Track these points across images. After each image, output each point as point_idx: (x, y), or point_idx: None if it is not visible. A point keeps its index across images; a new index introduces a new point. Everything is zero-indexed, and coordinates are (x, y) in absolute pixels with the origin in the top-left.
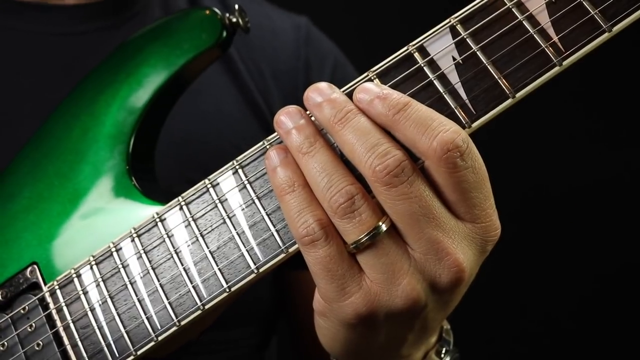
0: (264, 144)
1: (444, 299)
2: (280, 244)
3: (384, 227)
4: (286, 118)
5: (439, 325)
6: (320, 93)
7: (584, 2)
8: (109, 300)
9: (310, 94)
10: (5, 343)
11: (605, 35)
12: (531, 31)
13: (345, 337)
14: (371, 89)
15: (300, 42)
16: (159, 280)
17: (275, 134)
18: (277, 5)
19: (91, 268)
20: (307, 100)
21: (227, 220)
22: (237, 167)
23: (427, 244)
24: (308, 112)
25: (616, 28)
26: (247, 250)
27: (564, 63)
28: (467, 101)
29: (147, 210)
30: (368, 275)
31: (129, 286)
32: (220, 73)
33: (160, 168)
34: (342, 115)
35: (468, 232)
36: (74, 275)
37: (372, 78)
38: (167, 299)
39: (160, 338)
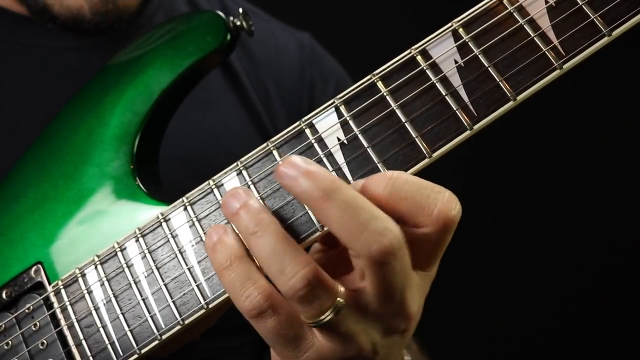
0: (267, 145)
1: (398, 342)
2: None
3: (342, 302)
4: (231, 199)
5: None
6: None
7: (584, 7)
8: (113, 299)
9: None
10: (10, 342)
11: (605, 39)
12: (532, 35)
13: None
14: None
15: (304, 61)
16: (163, 280)
17: (279, 135)
18: (278, 10)
19: (96, 268)
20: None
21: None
22: (242, 168)
23: (394, 304)
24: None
25: (616, 32)
26: None
27: (565, 66)
28: (468, 103)
29: (151, 211)
30: (324, 339)
31: (133, 285)
32: (227, 90)
33: (165, 182)
34: (326, 187)
35: (422, 284)
36: (79, 275)
37: (376, 81)
38: (171, 298)
39: (164, 337)
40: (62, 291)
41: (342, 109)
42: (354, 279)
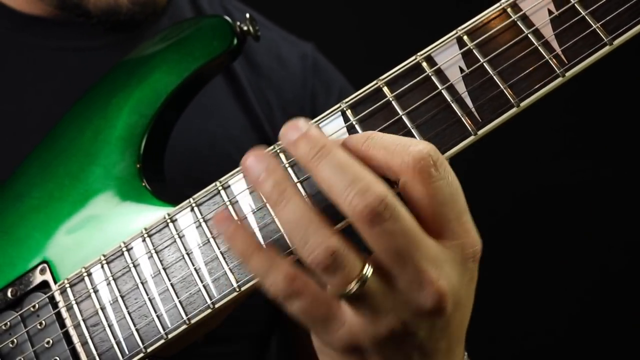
0: (274, 147)
1: (437, 325)
2: (290, 244)
3: (369, 273)
4: (255, 163)
5: (448, 354)
6: (296, 130)
7: (586, 17)
8: (119, 298)
9: (285, 132)
10: (15, 340)
11: (607, 48)
12: (536, 43)
13: None
14: (329, 142)
15: (307, 72)
16: (169, 280)
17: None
18: (282, 18)
19: (102, 267)
20: (283, 137)
21: (239, 222)
22: None
23: (411, 276)
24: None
25: (617, 41)
26: None
27: (567, 74)
28: (473, 110)
29: (157, 212)
30: (353, 313)
31: (140, 285)
32: (230, 97)
33: (173, 190)
34: (318, 149)
35: (447, 254)
36: (85, 274)
37: (381, 86)
38: (178, 297)
39: (170, 336)
40: (68, 290)
41: (349, 113)
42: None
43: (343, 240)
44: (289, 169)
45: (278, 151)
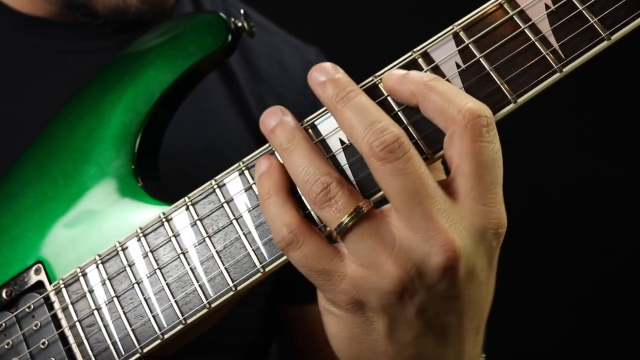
0: (270, 145)
1: (442, 288)
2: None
3: (364, 209)
4: (269, 117)
5: (460, 337)
6: (325, 72)
7: (583, 11)
8: (115, 299)
9: (314, 73)
10: (11, 341)
11: (605, 43)
12: (532, 38)
13: (350, 332)
14: (396, 72)
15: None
16: (165, 279)
17: None
18: (282, 12)
19: (97, 267)
20: (311, 79)
21: (234, 221)
22: (244, 168)
23: (418, 221)
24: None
25: (615, 36)
26: (253, 249)
27: (564, 69)
28: None
29: (152, 211)
30: (353, 259)
31: (135, 285)
32: (229, 103)
33: (163, 194)
34: (344, 94)
35: (465, 215)
36: (80, 274)
37: (377, 83)
38: (174, 297)
39: (166, 336)
40: (63, 290)
41: None
42: None
43: (339, 180)
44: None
45: (274, 149)
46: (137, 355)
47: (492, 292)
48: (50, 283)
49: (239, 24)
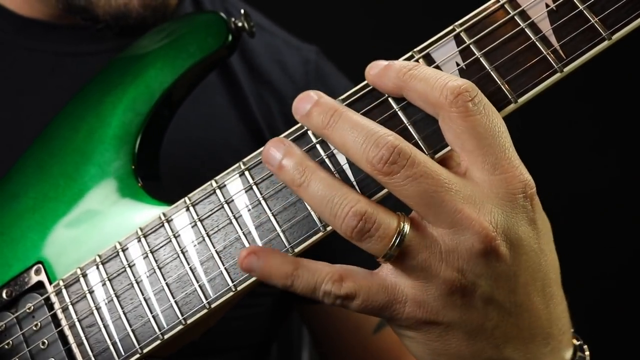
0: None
1: (496, 271)
2: (286, 243)
3: (406, 228)
4: (273, 151)
5: (536, 313)
6: (307, 100)
7: (584, 11)
8: (115, 299)
9: (298, 104)
10: (11, 342)
11: (605, 43)
12: (533, 38)
13: (430, 347)
14: (378, 63)
15: (309, 79)
16: (165, 280)
17: (282, 135)
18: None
19: (97, 267)
20: (296, 112)
21: (234, 221)
22: (244, 169)
23: (448, 217)
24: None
25: (616, 36)
26: None
27: (565, 69)
28: None
29: (153, 211)
30: (406, 280)
31: (135, 285)
32: (230, 106)
33: (164, 198)
34: (330, 116)
35: (488, 191)
36: (80, 275)
37: None
38: (173, 297)
39: (166, 336)
40: (63, 291)
41: None
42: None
43: (371, 203)
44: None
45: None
46: (137, 356)
47: (551, 254)
48: (50, 283)
49: (239, 24)
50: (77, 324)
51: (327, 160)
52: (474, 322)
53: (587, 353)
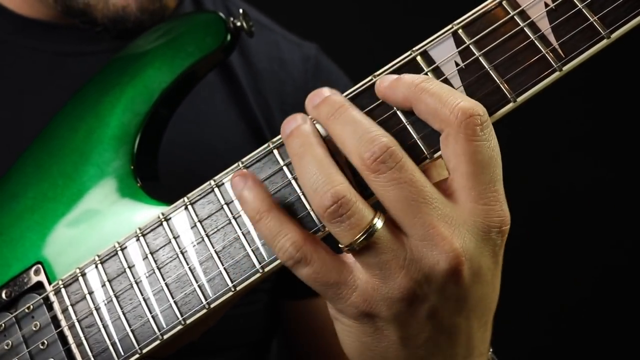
0: (269, 145)
1: (450, 292)
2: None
3: (379, 225)
4: (288, 122)
5: (476, 342)
6: (319, 95)
7: (583, 10)
8: (114, 299)
9: (311, 97)
10: (10, 342)
11: (604, 42)
12: (532, 37)
13: (361, 340)
14: (388, 77)
15: (308, 75)
16: (164, 280)
17: (280, 136)
18: (282, 12)
19: (96, 267)
20: (308, 104)
21: (233, 221)
22: (243, 167)
23: (421, 229)
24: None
25: (615, 35)
26: (252, 250)
27: (564, 68)
28: None
29: (152, 211)
30: (364, 272)
31: (135, 285)
32: (229, 103)
33: (164, 196)
34: (334, 110)
35: (467, 216)
36: (79, 275)
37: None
38: (173, 298)
39: (165, 337)
40: (63, 291)
41: None
42: None
43: (352, 191)
44: (285, 169)
45: (272, 148)
46: (137, 356)
47: (498, 287)
48: (49, 284)
49: (238, 24)
50: (77, 324)
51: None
52: (411, 331)
53: None
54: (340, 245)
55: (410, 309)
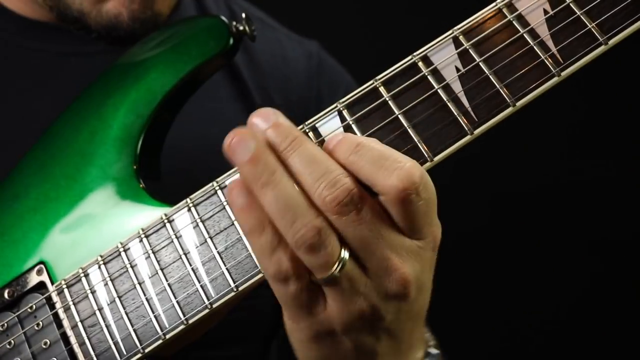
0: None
1: (402, 309)
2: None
3: (347, 255)
4: (240, 142)
5: (416, 337)
6: (266, 118)
7: (581, 16)
8: (117, 299)
9: (253, 120)
10: (12, 341)
11: (602, 48)
12: (531, 43)
13: (316, 353)
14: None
15: (312, 72)
16: (167, 280)
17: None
18: (285, 15)
19: (99, 267)
20: (252, 126)
21: (235, 222)
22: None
23: (378, 262)
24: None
25: (612, 41)
26: None
27: (563, 73)
28: (469, 109)
29: (154, 212)
30: (331, 298)
31: (137, 285)
32: (234, 99)
33: (169, 194)
34: (290, 142)
35: (415, 248)
36: (82, 275)
37: (378, 86)
38: (175, 298)
39: (168, 336)
40: (65, 291)
41: (345, 113)
42: None
43: (327, 221)
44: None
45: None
46: (139, 356)
47: (431, 283)
48: (52, 284)
49: (241, 28)
50: (79, 324)
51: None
52: (367, 343)
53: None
54: (317, 281)
55: (367, 328)
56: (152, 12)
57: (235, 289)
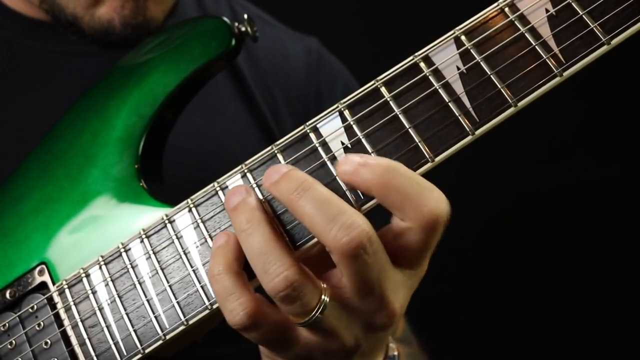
0: (272, 148)
1: (380, 336)
2: (290, 244)
3: (327, 299)
4: (233, 195)
5: (380, 348)
6: (277, 171)
7: (584, 16)
8: (117, 299)
9: (267, 175)
10: (14, 341)
11: (604, 48)
12: (533, 43)
13: None
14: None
15: (311, 68)
16: (167, 281)
17: (284, 139)
18: (286, 15)
19: (100, 268)
20: (266, 180)
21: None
22: (246, 170)
23: (376, 300)
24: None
25: (615, 41)
26: None
27: (565, 74)
28: (470, 109)
29: (155, 212)
30: (311, 336)
31: (138, 286)
32: (235, 97)
33: (172, 191)
34: (298, 186)
35: (406, 278)
36: (83, 275)
37: (379, 86)
38: (176, 298)
39: (168, 337)
40: (66, 291)
41: (346, 113)
42: (338, 276)
43: (302, 271)
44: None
45: (276, 152)
46: (139, 356)
47: None
48: (53, 284)
49: (243, 29)
50: (80, 324)
51: (328, 163)
52: None
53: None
54: (293, 323)
55: (345, 356)
56: (144, 17)
57: None
